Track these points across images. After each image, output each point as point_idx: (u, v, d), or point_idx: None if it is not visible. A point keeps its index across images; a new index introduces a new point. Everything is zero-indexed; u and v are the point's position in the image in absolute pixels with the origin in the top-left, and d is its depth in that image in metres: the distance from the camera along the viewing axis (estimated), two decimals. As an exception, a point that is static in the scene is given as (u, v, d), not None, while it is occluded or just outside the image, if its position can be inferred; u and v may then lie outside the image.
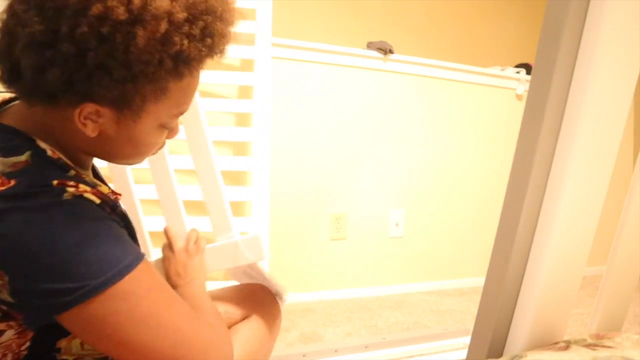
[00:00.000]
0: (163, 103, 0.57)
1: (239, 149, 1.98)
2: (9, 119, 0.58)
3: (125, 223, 0.61)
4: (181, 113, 0.62)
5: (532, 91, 0.53)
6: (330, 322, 1.86)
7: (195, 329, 0.57)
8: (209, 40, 0.55)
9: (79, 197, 0.52)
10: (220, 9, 0.56)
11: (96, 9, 0.48)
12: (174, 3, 0.52)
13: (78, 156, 0.62)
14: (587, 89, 0.50)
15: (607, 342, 0.55)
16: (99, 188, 0.56)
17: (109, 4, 0.49)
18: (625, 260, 0.66)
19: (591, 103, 0.50)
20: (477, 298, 0.58)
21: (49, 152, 0.56)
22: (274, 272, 1.85)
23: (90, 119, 0.55)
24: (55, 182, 0.51)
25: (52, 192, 0.51)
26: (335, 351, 1.50)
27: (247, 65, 1.93)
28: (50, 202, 0.50)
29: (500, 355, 0.58)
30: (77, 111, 0.54)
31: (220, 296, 0.87)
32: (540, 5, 2.92)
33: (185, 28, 0.52)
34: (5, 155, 0.52)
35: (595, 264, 1.16)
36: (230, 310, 0.84)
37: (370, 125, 2.29)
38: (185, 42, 0.53)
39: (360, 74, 2.25)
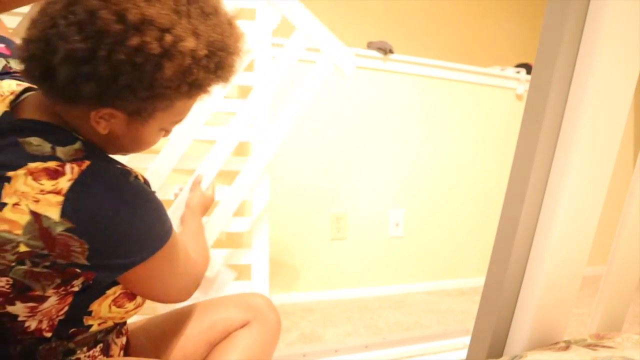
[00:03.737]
0: (170, 113, 0.66)
1: (239, 149, 1.98)
2: (31, 114, 0.62)
3: None
4: (181, 120, 0.71)
5: (532, 91, 0.53)
6: (330, 322, 1.86)
7: (195, 266, 0.78)
8: (220, 72, 0.65)
9: (136, 179, 0.63)
10: (232, 45, 0.66)
11: (134, 41, 0.55)
12: (198, 42, 0.60)
13: None
14: (587, 89, 0.50)
15: (607, 342, 0.55)
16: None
17: (145, 38, 0.56)
18: (625, 260, 0.66)
19: (591, 103, 0.50)
20: (477, 298, 0.58)
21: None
22: (274, 272, 1.85)
23: (103, 119, 0.62)
24: (118, 166, 0.62)
25: (122, 174, 0.61)
26: (335, 351, 1.51)
27: (247, 65, 1.92)
28: (122, 183, 0.61)
29: (500, 355, 0.58)
30: (94, 112, 0.61)
31: (221, 303, 0.89)
32: (541, 5, 2.92)
33: (204, 62, 0.61)
34: (63, 145, 0.59)
35: (595, 264, 1.16)
36: (231, 317, 0.86)
37: (370, 125, 2.29)
38: (202, 73, 0.62)
39: (360, 74, 2.25)
